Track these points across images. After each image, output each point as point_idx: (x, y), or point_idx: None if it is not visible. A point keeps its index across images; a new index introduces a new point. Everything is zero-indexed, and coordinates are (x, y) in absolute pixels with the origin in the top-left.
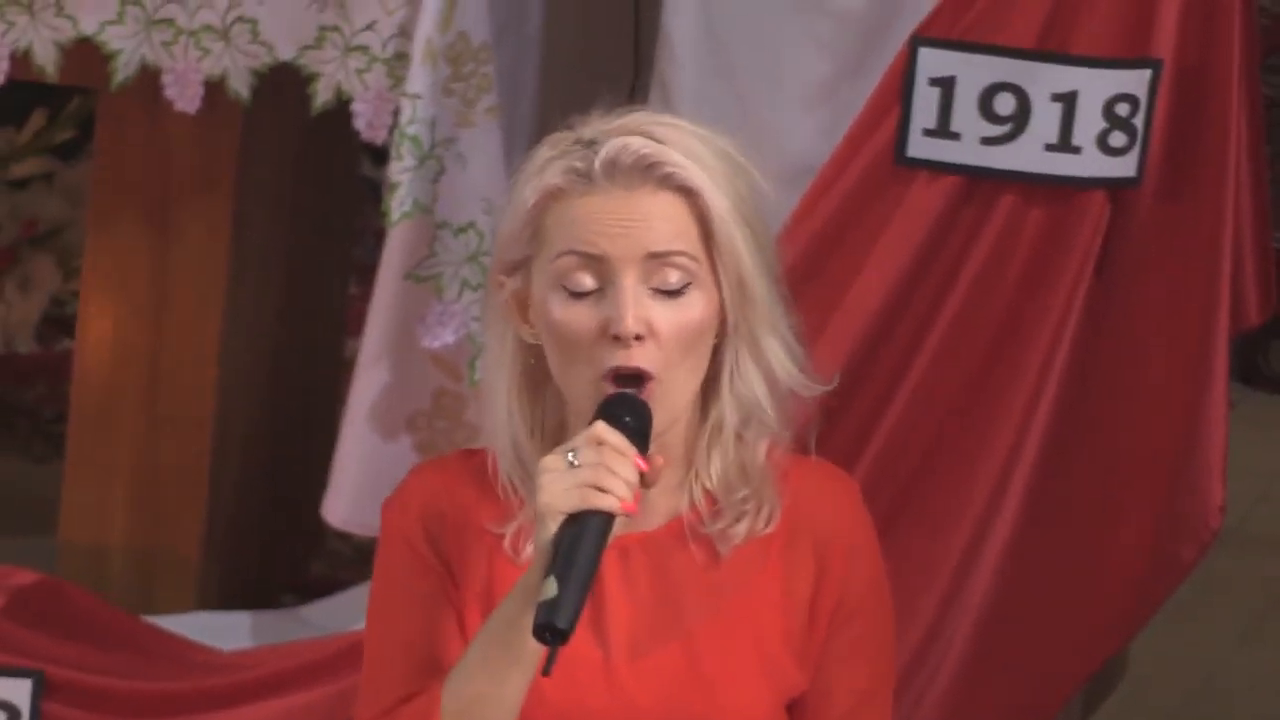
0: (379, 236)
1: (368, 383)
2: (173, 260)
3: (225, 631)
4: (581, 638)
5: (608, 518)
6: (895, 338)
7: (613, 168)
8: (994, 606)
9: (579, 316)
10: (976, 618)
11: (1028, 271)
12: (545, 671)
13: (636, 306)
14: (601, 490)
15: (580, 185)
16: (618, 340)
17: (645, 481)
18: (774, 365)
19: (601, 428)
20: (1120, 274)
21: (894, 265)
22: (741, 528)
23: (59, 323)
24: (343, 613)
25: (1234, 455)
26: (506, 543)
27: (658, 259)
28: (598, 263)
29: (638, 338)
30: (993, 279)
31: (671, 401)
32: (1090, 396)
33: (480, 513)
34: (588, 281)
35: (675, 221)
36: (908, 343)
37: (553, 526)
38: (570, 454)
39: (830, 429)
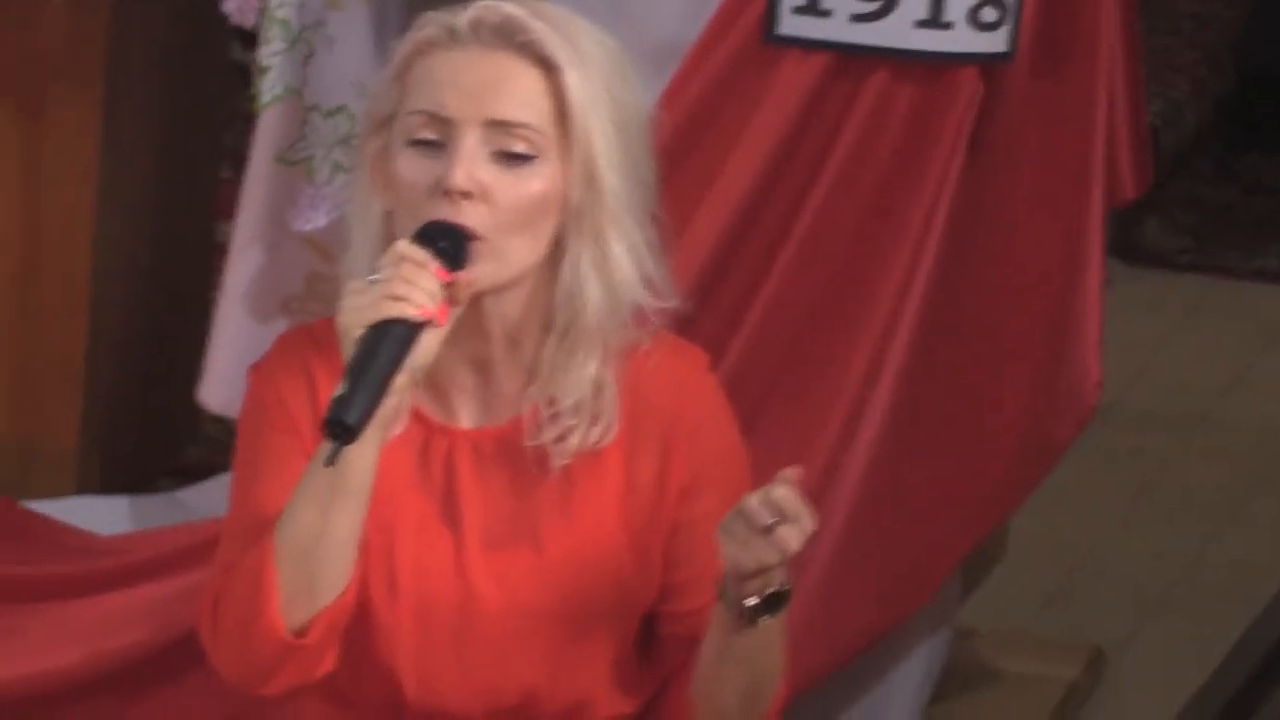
0: (249, 121)
1: (241, 267)
2: (44, 149)
3: (102, 516)
4: (435, 529)
5: (408, 325)
6: (764, 221)
7: (478, 25)
8: (870, 485)
9: (418, 169)
10: (852, 496)
11: (899, 150)
12: (328, 462)
13: (470, 165)
14: (397, 298)
15: (446, 40)
16: (447, 195)
17: (454, 297)
18: (614, 272)
19: (401, 244)
20: (993, 151)
21: (764, 147)
22: (571, 443)
23: None
24: (220, 496)
25: (1111, 332)
26: None
27: (501, 127)
28: (443, 123)
29: (465, 194)
30: (864, 158)
31: (501, 264)
32: (965, 274)
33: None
34: (430, 134)
35: (527, 92)
36: (777, 226)
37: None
38: (373, 276)
39: (700, 312)
